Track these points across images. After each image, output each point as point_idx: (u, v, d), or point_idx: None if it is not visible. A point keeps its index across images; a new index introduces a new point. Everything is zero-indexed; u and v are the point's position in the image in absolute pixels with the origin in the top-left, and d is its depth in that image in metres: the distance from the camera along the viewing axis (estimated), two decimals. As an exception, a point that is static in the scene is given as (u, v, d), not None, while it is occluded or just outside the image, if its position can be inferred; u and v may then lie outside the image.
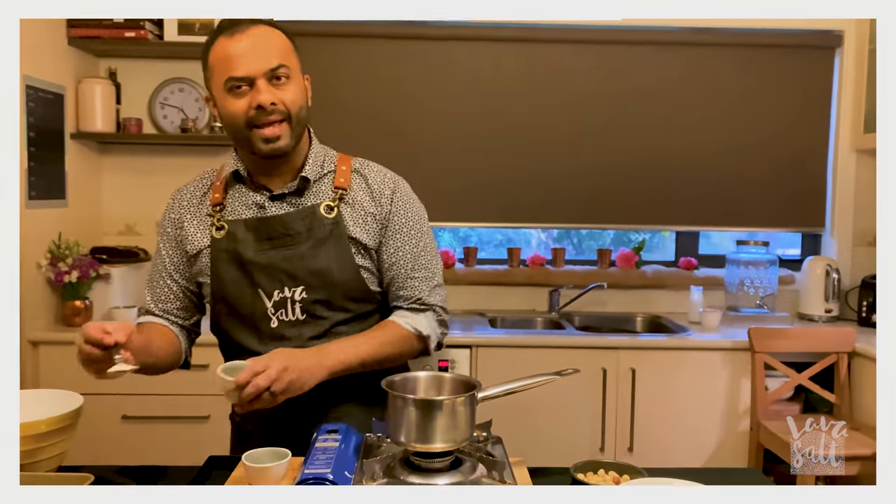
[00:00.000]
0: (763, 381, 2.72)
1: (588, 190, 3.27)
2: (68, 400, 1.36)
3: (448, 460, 1.23)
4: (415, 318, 1.48)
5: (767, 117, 3.28)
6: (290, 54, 1.41)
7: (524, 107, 3.25)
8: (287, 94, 1.38)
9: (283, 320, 1.43)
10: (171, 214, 1.52)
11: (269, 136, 1.37)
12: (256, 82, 1.35)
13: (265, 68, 1.35)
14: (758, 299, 3.19)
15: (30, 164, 2.56)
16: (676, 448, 2.76)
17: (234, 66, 1.34)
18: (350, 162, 1.51)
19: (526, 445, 1.61)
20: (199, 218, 1.49)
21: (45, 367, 2.62)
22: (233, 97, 1.36)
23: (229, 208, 1.47)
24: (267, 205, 1.45)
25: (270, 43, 1.37)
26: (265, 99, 1.34)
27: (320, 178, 1.48)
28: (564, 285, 3.24)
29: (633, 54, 3.25)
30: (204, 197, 1.51)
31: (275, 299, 1.43)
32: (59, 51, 2.82)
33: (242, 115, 1.36)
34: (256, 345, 1.44)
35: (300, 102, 1.41)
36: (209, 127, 3.08)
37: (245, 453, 1.22)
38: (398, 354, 1.46)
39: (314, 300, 1.43)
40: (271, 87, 1.36)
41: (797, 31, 3.24)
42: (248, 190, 1.47)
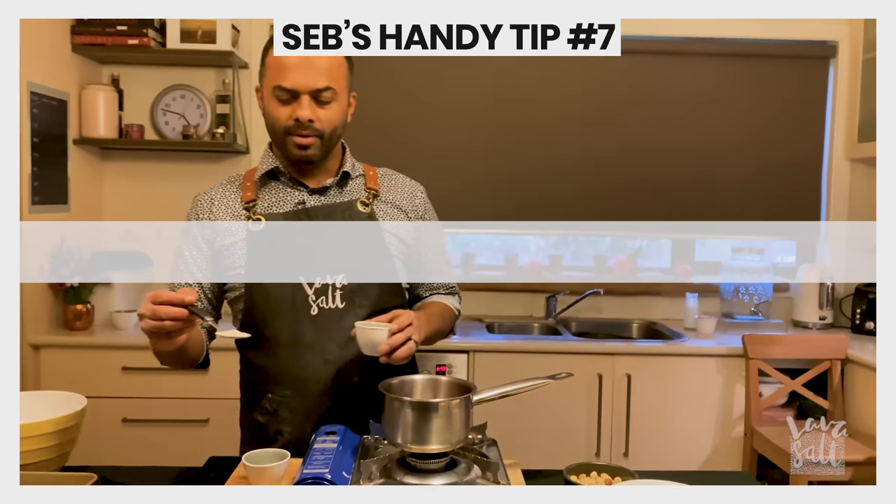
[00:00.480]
0: (757, 388, 2.75)
1: (586, 198, 3.30)
2: (72, 401, 1.39)
3: (443, 461, 1.26)
4: (452, 300, 1.68)
5: (763, 126, 3.31)
6: (339, 75, 1.47)
7: (520, 115, 3.28)
8: (326, 114, 1.46)
9: (323, 308, 1.48)
10: (196, 215, 1.56)
11: (301, 144, 1.46)
12: (301, 97, 1.43)
13: (312, 87, 1.43)
14: (752, 306, 3.22)
15: (33, 170, 2.59)
16: (671, 453, 2.79)
17: (284, 77, 1.42)
18: (375, 169, 1.62)
19: (523, 450, 1.64)
20: (230, 214, 1.53)
21: (45, 371, 2.65)
22: (277, 102, 1.45)
23: (264, 204, 1.53)
24: (306, 199, 1.53)
25: (324, 62, 1.44)
26: (304, 115, 1.43)
27: (354, 178, 1.57)
28: (561, 291, 3.26)
29: (630, 64, 3.28)
30: (234, 196, 1.55)
31: (316, 286, 1.48)
32: (63, 57, 2.85)
33: (282, 121, 1.45)
34: (294, 333, 1.47)
35: (336, 122, 1.48)
36: (210, 133, 3.11)
37: (245, 454, 1.25)
38: (448, 330, 1.65)
39: (354, 288, 1.48)
40: (313, 105, 1.44)
41: (792, 42, 3.28)
42: (285, 187, 1.54)
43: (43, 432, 1.27)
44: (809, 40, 3.28)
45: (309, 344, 1.47)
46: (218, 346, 2.76)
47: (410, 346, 1.33)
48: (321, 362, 1.47)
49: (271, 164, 1.54)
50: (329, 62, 1.44)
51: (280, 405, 1.50)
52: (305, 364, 1.47)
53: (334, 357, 1.47)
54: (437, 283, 1.67)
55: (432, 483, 1.22)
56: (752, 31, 3.25)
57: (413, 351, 1.34)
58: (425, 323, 1.46)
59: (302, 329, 1.47)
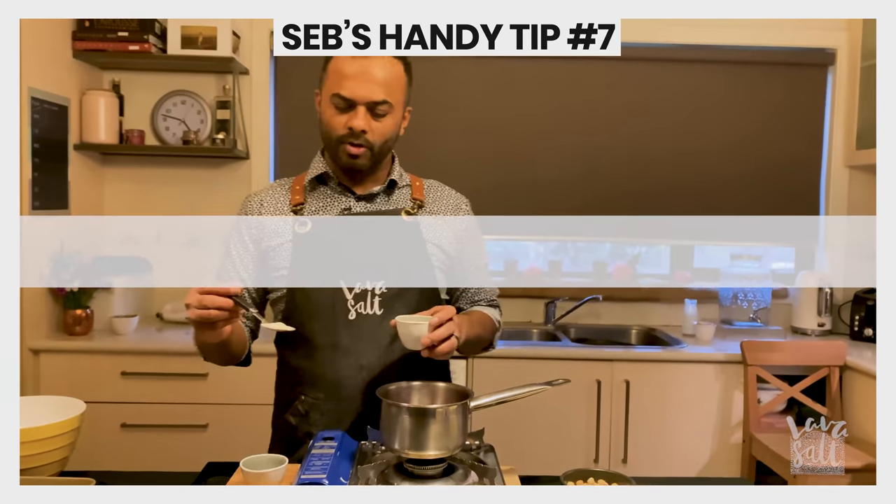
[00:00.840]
0: (755, 394, 2.75)
1: (585, 204, 3.30)
2: (70, 406, 1.39)
3: (441, 467, 1.27)
4: (493, 312, 1.66)
5: (761, 134, 3.33)
6: (397, 89, 1.49)
7: (520, 120, 3.29)
8: (379, 127, 1.48)
9: (361, 313, 1.49)
10: (246, 215, 1.58)
11: (352, 154, 1.48)
12: (357, 107, 1.45)
13: (368, 99, 1.44)
14: (751, 313, 3.22)
15: (33, 175, 2.60)
16: (670, 459, 2.79)
17: (343, 86, 1.44)
18: (422, 180, 1.65)
19: (521, 456, 1.65)
20: (279, 216, 1.55)
21: (45, 375, 2.65)
22: (334, 110, 1.47)
23: (312, 208, 1.55)
24: (353, 205, 1.55)
25: (385, 75, 1.46)
26: (358, 125, 1.45)
27: (400, 188, 1.60)
28: (560, 297, 3.27)
29: (629, 72, 3.29)
30: (283, 198, 1.58)
31: (355, 291, 1.49)
32: (65, 63, 2.86)
33: (337, 129, 1.48)
34: (331, 337, 1.49)
35: (388, 135, 1.50)
36: (210, 139, 3.12)
37: (243, 459, 1.26)
38: (487, 341, 1.61)
39: (393, 295, 1.49)
40: (368, 117, 1.46)
41: (790, 49, 3.29)
42: (333, 192, 1.57)
43: (42, 437, 1.28)
44: (808, 48, 3.30)
45: (345, 348, 1.48)
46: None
47: (452, 342, 1.32)
48: (356, 367, 1.48)
49: (321, 169, 1.57)
50: (389, 75, 1.46)
51: (312, 407, 1.51)
52: (340, 368, 1.48)
53: (369, 363, 1.48)
54: (479, 296, 1.66)
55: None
56: (751, 39, 3.26)
57: (454, 347, 1.32)
58: (467, 325, 1.45)
59: (339, 333, 1.49)
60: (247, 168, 3.22)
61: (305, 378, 1.52)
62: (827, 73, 3.33)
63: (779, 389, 2.78)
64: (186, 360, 2.67)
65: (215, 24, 2.94)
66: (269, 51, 3.20)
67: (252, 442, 2.70)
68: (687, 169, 3.32)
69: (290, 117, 3.26)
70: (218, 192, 3.20)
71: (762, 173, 3.33)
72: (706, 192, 3.32)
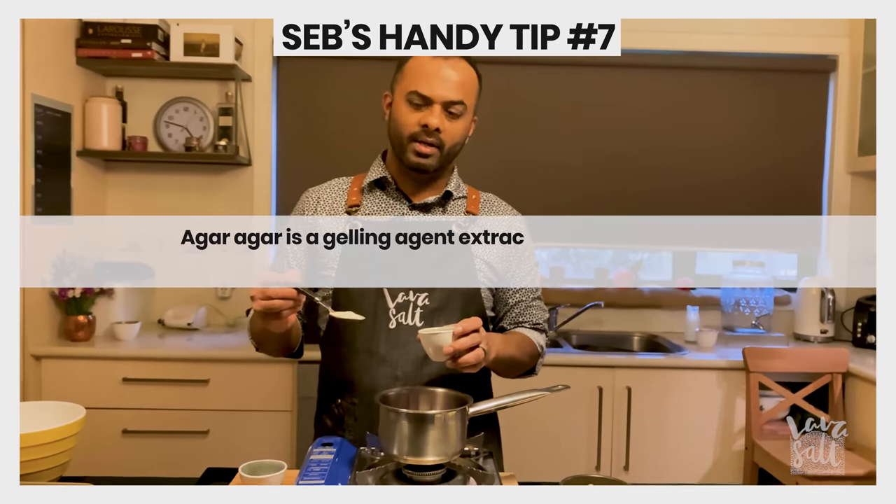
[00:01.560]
0: (758, 401, 2.74)
1: (586, 210, 3.30)
2: (70, 412, 1.39)
3: (439, 473, 1.26)
4: (536, 335, 1.61)
5: (763, 140, 3.33)
6: (471, 94, 1.51)
7: (524, 129, 3.30)
8: (452, 127, 1.49)
9: (402, 323, 1.49)
10: (303, 210, 1.59)
11: (422, 152, 1.48)
12: (433, 105, 1.46)
13: (446, 97, 1.46)
14: (753, 319, 3.21)
15: (36, 181, 2.61)
16: (672, 467, 2.78)
17: (422, 84, 1.46)
18: (479, 193, 1.64)
19: (522, 462, 1.64)
20: (335, 214, 1.56)
21: (47, 381, 2.65)
22: (409, 107, 1.47)
23: (366, 211, 1.56)
24: (406, 212, 1.55)
25: (461, 77, 1.48)
26: (433, 122, 1.46)
27: (455, 199, 1.60)
28: (562, 304, 3.27)
29: (629, 78, 3.30)
30: (340, 198, 1.58)
31: (398, 301, 1.49)
32: (68, 70, 2.88)
33: (410, 126, 1.47)
34: (370, 343, 1.48)
35: (458, 138, 1.51)
36: (213, 146, 3.13)
37: (242, 465, 1.26)
38: (525, 366, 1.58)
39: (434, 308, 1.49)
40: (443, 115, 1.47)
41: (792, 56, 3.30)
42: (389, 197, 1.57)
43: (41, 442, 1.28)
44: (809, 54, 3.30)
45: (382, 357, 1.48)
46: (219, 359, 2.77)
47: (478, 353, 1.29)
48: (391, 377, 1.47)
49: (380, 173, 1.57)
50: (464, 78, 1.48)
51: (347, 412, 1.51)
52: (376, 375, 1.48)
53: (405, 374, 1.47)
54: (523, 318, 1.62)
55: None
56: (753, 46, 3.26)
57: (481, 358, 1.29)
58: (500, 342, 1.43)
59: (378, 341, 1.48)
60: (249, 174, 3.22)
61: (342, 382, 1.52)
62: (829, 79, 3.33)
63: (781, 396, 2.77)
64: (187, 366, 2.67)
65: (218, 31, 2.95)
66: (272, 57, 3.21)
67: (253, 448, 2.71)
68: (689, 175, 3.32)
69: (292, 124, 3.26)
70: (220, 198, 3.21)
71: (764, 179, 3.33)
72: (709, 198, 3.32)
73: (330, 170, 1.76)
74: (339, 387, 1.53)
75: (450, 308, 1.50)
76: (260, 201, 3.23)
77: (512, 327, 1.62)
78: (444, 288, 1.50)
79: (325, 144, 3.25)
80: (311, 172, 1.66)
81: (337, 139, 3.22)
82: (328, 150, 3.25)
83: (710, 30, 3.24)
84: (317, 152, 3.25)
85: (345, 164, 1.74)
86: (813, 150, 3.35)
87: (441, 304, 1.49)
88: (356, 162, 1.64)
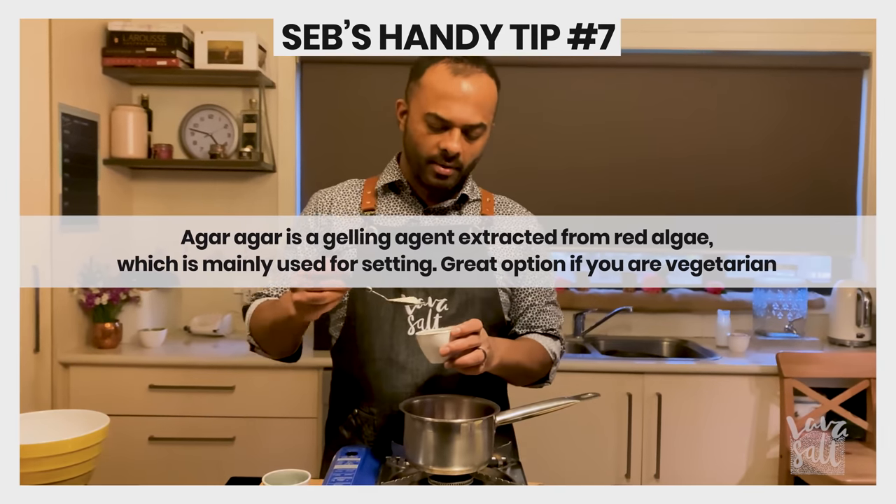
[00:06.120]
0: (792, 408, 2.67)
1: (616, 214, 3.24)
2: (94, 420, 1.39)
3: (466, 484, 1.23)
4: (549, 342, 1.56)
5: (796, 141, 3.25)
6: (491, 111, 1.46)
7: (548, 134, 3.26)
8: (471, 149, 1.45)
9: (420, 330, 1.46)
10: (315, 212, 1.56)
11: (441, 174, 1.45)
12: (453, 129, 1.41)
13: (467, 122, 1.41)
14: (786, 324, 3.14)
15: (63, 189, 2.63)
16: (703, 475, 2.71)
17: (442, 106, 1.40)
18: (493, 196, 1.61)
19: (550, 471, 1.61)
20: (348, 217, 1.54)
21: (74, 389, 2.66)
22: (427, 128, 1.43)
23: (381, 215, 1.53)
24: (421, 217, 1.53)
25: (481, 95, 1.42)
26: (453, 148, 1.41)
27: (471, 202, 1.57)
28: (589, 309, 3.22)
29: (657, 78, 3.25)
30: (354, 201, 1.56)
31: (416, 307, 1.46)
32: (94, 79, 2.90)
33: (428, 148, 1.43)
34: (388, 351, 1.46)
35: (477, 156, 1.48)
36: (237, 153, 3.13)
37: (266, 474, 1.24)
38: (535, 374, 1.53)
39: (453, 315, 1.46)
40: (462, 139, 1.43)
41: (824, 54, 3.22)
42: (403, 201, 1.55)
43: (65, 451, 1.27)
44: (842, 51, 3.22)
45: (401, 364, 1.45)
46: (245, 365, 2.77)
47: (478, 354, 1.24)
48: (410, 385, 1.45)
49: (395, 176, 1.55)
50: (484, 95, 1.42)
51: (365, 422, 1.48)
52: (394, 383, 1.45)
53: (423, 381, 1.45)
54: (536, 322, 1.58)
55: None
56: (784, 44, 3.20)
57: (481, 360, 1.24)
58: (504, 347, 1.38)
59: (396, 348, 1.46)
60: (273, 181, 3.23)
61: (360, 391, 1.49)
62: (862, 77, 3.25)
63: (817, 403, 2.70)
64: (214, 373, 2.67)
65: (241, 38, 2.96)
66: (295, 64, 3.21)
67: (279, 455, 2.70)
68: (717, 177, 3.25)
69: (316, 130, 3.26)
70: (245, 205, 3.22)
71: (795, 180, 3.25)
72: (741, 199, 3.25)
73: (354, 175, 1.73)
74: (356, 396, 1.49)
75: (469, 314, 1.45)
76: (285, 208, 3.23)
77: (524, 332, 1.57)
78: (463, 291, 1.47)
79: (350, 150, 3.24)
80: (335, 178, 1.63)
81: (361, 144, 3.21)
82: (352, 156, 3.24)
83: (741, 28, 3.18)
84: (341, 158, 3.24)
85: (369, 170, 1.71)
86: (846, 149, 3.27)
87: (460, 310, 1.46)
88: (381, 167, 1.62)
